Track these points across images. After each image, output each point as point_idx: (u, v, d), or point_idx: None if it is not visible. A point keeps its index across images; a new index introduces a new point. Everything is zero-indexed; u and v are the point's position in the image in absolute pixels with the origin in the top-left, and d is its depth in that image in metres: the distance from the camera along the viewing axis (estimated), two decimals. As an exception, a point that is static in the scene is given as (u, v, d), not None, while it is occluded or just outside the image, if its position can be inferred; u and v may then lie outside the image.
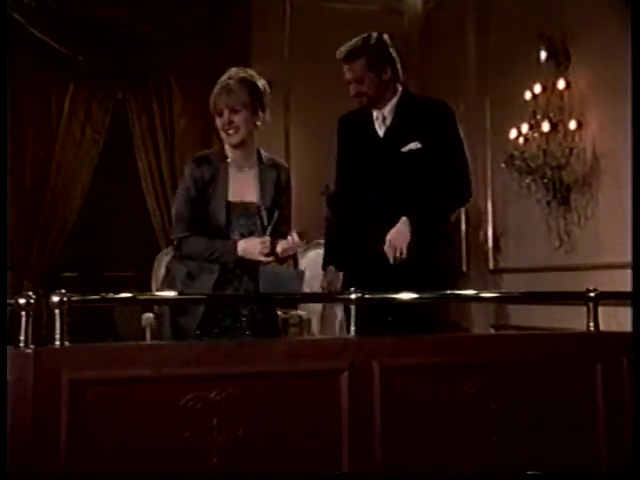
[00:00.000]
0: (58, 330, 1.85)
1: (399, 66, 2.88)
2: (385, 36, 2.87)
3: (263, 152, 2.70)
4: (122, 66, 5.55)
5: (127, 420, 1.84)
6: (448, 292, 2.60)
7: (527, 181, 4.83)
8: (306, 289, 3.23)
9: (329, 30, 5.73)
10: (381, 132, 2.83)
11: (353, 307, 2.10)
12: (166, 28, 5.56)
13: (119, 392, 1.84)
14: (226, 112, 2.58)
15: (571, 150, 4.55)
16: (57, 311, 1.86)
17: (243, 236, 2.59)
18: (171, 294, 2.60)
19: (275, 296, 2.43)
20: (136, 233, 5.81)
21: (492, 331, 5.31)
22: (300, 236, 2.54)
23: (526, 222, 5.08)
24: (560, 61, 4.63)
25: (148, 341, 2.87)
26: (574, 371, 2.25)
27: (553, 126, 4.63)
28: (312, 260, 3.36)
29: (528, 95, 4.75)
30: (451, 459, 2.10)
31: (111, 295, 2.07)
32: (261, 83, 2.69)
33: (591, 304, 2.31)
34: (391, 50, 2.87)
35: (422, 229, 2.74)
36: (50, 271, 5.55)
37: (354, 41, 2.83)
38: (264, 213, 2.61)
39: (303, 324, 3.09)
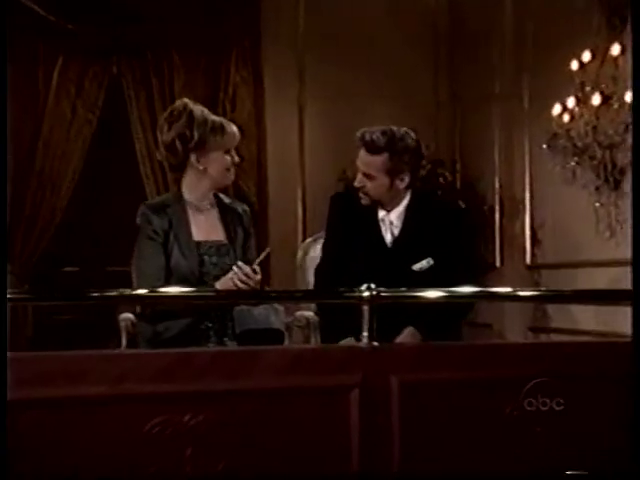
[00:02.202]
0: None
1: (420, 172, 2.86)
2: (414, 136, 2.79)
3: (221, 194, 2.80)
4: (118, 37, 5.33)
5: (75, 453, 1.60)
6: (480, 290, 2.43)
7: (572, 164, 4.60)
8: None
9: (347, -1, 5.59)
10: (388, 239, 2.77)
11: (366, 308, 1.87)
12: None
13: (64, 417, 1.61)
14: (233, 152, 2.70)
15: (627, 126, 4.25)
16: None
17: (217, 278, 2.61)
18: (171, 291, 2.36)
19: (272, 294, 2.14)
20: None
21: (529, 334, 5.19)
22: (254, 271, 2.53)
23: (570, 211, 4.86)
24: (614, 23, 4.33)
25: (123, 347, 2.58)
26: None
27: (605, 99, 4.39)
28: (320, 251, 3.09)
29: (575, 65, 4.50)
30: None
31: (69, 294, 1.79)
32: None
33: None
34: (419, 153, 2.80)
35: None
36: (50, 265, 5.43)
37: (380, 131, 2.73)
38: (233, 252, 2.67)
39: (311, 327, 2.82)
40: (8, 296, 1.63)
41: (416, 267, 2.73)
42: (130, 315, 2.66)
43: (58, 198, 5.27)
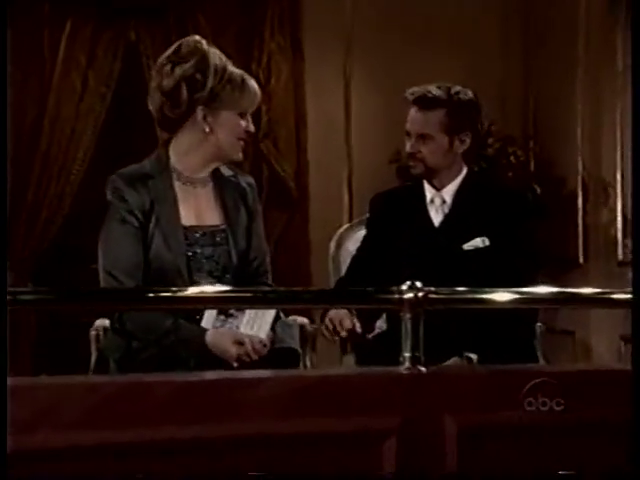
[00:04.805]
0: None
1: (481, 133, 2.95)
2: (473, 95, 2.71)
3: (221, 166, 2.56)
4: (135, -2, 5.39)
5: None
6: (561, 291, 2.08)
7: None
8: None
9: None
10: (437, 220, 2.72)
11: (408, 316, 1.52)
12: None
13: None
14: (249, 118, 2.45)
15: None
16: None
17: (212, 274, 2.35)
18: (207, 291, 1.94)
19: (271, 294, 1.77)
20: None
21: (621, 344, 4.85)
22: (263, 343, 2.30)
23: (673, 194, 4.43)
24: None
25: (92, 365, 2.31)
26: None
27: None
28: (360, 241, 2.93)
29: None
30: None
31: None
32: None
33: None
34: (478, 108, 2.75)
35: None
36: (76, 262, 5.20)
37: (433, 86, 2.67)
38: (232, 239, 2.40)
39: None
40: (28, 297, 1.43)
41: (468, 246, 2.62)
42: (107, 322, 2.26)
43: (67, 183, 5.11)
